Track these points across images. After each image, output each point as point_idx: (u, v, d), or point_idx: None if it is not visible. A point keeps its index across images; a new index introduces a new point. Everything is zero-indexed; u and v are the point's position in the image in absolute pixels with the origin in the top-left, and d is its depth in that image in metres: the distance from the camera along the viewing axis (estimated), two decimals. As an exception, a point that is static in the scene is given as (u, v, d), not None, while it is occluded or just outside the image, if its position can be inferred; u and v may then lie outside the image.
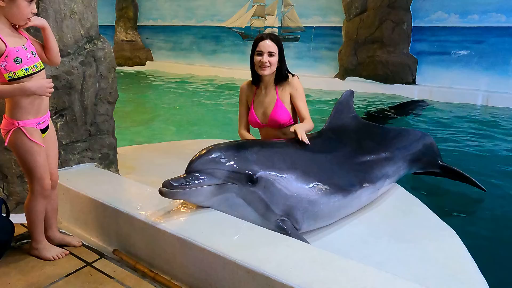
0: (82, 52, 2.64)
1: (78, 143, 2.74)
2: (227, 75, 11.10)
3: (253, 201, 2.15)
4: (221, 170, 2.07)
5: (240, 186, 2.10)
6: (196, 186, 2.01)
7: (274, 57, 2.64)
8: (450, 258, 2.20)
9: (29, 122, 1.94)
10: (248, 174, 2.11)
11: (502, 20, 7.82)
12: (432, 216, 2.68)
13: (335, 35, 9.74)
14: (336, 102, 2.98)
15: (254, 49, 2.70)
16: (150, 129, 6.03)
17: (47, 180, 2.04)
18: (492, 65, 8.00)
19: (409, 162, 3.15)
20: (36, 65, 1.93)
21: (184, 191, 1.99)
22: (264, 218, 2.18)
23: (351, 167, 2.61)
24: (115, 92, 2.92)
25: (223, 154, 2.12)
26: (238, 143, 2.31)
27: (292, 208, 2.22)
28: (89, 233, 2.38)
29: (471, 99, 7.88)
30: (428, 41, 8.64)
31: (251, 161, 2.16)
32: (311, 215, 2.29)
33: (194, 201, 2.11)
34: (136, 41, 13.78)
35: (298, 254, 1.75)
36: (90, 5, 2.67)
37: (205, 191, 2.05)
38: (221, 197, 2.10)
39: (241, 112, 2.94)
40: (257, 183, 2.13)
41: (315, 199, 2.29)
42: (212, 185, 2.05)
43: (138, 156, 3.67)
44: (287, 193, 2.21)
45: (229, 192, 2.10)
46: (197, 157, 2.10)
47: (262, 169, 2.16)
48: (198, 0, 12.40)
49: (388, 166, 2.87)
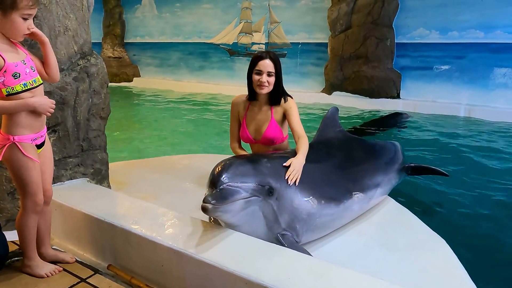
0: (75, 68, 2.66)
1: (71, 158, 2.73)
2: (215, 91, 11.18)
3: (268, 213, 2.15)
4: (249, 183, 2.05)
5: (262, 199, 2.10)
6: (232, 201, 1.95)
7: (273, 77, 2.67)
8: (441, 267, 2.26)
9: (25, 138, 1.94)
10: (269, 187, 2.12)
11: (480, 37, 8.13)
12: (422, 226, 2.74)
13: (321, 51, 9.94)
14: (323, 118, 3.09)
15: (253, 67, 2.69)
16: (138, 145, 6.02)
17: (40, 196, 2.03)
18: (473, 79, 8.27)
19: (397, 171, 3.24)
20: (35, 80, 1.95)
21: (227, 207, 1.93)
22: (270, 231, 2.18)
23: (342, 179, 2.66)
24: (108, 107, 2.93)
25: (244, 166, 2.11)
26: (247, 158, 2.30)
27: (294, 220, 2.24)
28: (83, 249, 2.36)
29: (454, 112, 8.10)
30: (411, 57, 8.90)
31: (266, 173, 2.17)
32: (310, 226, 2.32)
33: (227, 216, 2.01)
34: (123, 58, 13.80)
35: (295, 264, 1.78)
36: (83, 22, 2.71)
37: (238, 205, 2.00)
38: (247, 210, 2.06)
39: (233, 127, 2.95)
40: (273, 195, 2.15)
41: (313, 210, 2.32)
42: (243, 199, 2.01)
43: (129, 171, 3.66)
44: (292, 205, 2.24)
45: (254, 205, 2.08)
46: (223, 171, 2.04)
47: (275, 181, 2.19)
48: (186, 17, 12.55)
49: (378, 176, 2.94)
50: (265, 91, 2.68)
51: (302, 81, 10.25)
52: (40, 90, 1.98)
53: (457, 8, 8.24)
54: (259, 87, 2.66)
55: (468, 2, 8.11)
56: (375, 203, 2.93)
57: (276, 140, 2.79)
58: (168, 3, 12.78)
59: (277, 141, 2.80)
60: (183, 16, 12.57)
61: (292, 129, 2.69)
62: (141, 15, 13.53)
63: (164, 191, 3.16)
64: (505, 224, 3.36)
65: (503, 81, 8.00)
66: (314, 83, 10.11)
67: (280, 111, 2.77)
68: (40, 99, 1.93)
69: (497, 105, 7.93)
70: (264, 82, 2.63)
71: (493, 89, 8.09)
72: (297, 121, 2.70)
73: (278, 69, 2.69)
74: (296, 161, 2.36)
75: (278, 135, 2.78)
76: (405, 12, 8.81)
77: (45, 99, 1.96)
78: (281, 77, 2.74)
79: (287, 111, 2.73)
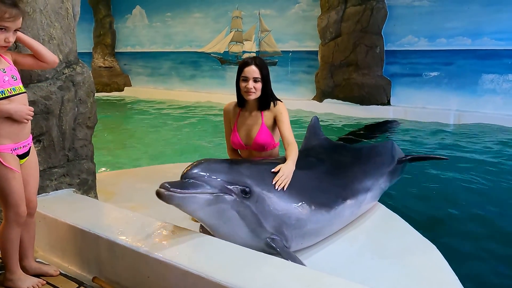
0: (60, 77, 2.62)
1: (56, 168, 2.68)
2: (206, 99, 11.18)
3: (246, 215, 2.14)
4: (218, 179, 2.05)
5: (235, 198, 2.09)
6: (193, 193, 1.96)
7: (259, 83, 2.65)
8: (432, 271, 2.26)
9: (4, 148, 1.89)
10: (244, 187, 2.11)
11: (467, 43, 8.24)
12: (412, 231, 2.73)
13: (312, 59, 10.00)
14: (308, 127, 3.12)
15: (240, 74, 2.69)
16: (128, 154, 5.97)
17: (23, 208, 1.98)
18: (462, 85, 8.36)
19: (387, 174, 3.18)
20: (14, 88, 1.91)
21: (182, 195, 1.94)
22: (255, 235, 2.17)
23: (332, 184, 2.65)
24: (94, 116, 2.89)
25: (220, 165, 2.14)
26: (231, 159, 2.34)
27: (281, 225, 2.22)
28: (67, 261, 2.30)
29: (444, 118, 8.17)
30: (400, 64, 8.98)
31: (245, 175, 2.17)
32: (299, 232, 2.30)
33: (188, 209, 2.04)
34: (114, 67, 13.76)
35: (283, 273, 1.75)
36: (69, 31, 2.68)
37: (202, 199, 2.01)
38: (216, 207, 2.06)
39: (227, 133, 2.93)
40: (251, 197, 2.13)
41: (302, 216, 2.30)
42: (210, 194, 2.01)
43: (117, 181, 3.61)
44: (278, 210, 2.22)
45: (224, 203, 2.07)
46: (195, 165, 2.07)
47: (255, 184, 2.17)
48: (176, 27, 12.57)
49: (367, 180, 2.91)
50: (252, 97, 2.67)
51: (293, 89, 10.29)
52: (20, 98, 1.94)
53: (444, 16, 8.36)
54: (246, 94, 2.65)
55: (455, 10, 8.24)
56: (366, 208, 2.91)
57: (267, 146, 2.76)
58: (159, 12, 12.81)
59: (268, 147, 2.77)
60: (174, 25, 12.60)
61: (282, 135, 2.67)
62: (131, 24, 13.54)
63: (154, 201, 3.05)
64: (495, 228, 3.37)
65: (491, 87, 8.10)
66: (305, 90, 10.15)
67: (271, 116, 2.75)
68: (16, 105, 1.88)
69: (486, 111, 8.02)
70: (251, 88, 2.62)
71: (481, 95, 8.18)
72: (287, 127, 2.68)
73: (265, 74, 2.67)
74: (286, 167, 2.35)
75: (269, 140, 2.76)
76: (394, 20, 8.92)
77: (22, 106, 1.91)
78: (269, 81, 2.73)
79: (278, 116, 2.71)
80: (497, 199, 3.97)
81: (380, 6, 8.90)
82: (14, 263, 2.03)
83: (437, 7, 8.44)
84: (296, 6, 10.25)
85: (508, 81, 7.95)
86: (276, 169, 2.32)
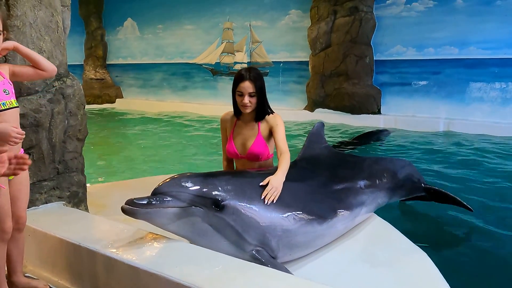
0: (50, 90, 2.62)
1: (46, 181, 2.66)
2: (198, 110, 11.18)
3: (221, 228, 2.14)
4: (186, 193, 2.08)
5: (205, 210, 2.10)
6: (159, 207, 2.00)
7: (254, 97, 2.67)
8: (423, 279, 2.27)
9: None
10: (214, 199, 2.12)
11: (455, 53, 8.40)
12: (404, 240, 2.74)
13: (303, 69, 10.09)
14: (308, 133, 3.06)
15: (235, 87, 2.70)
16: (120, 166, 5.93)
17: (8, 224, 1.96)
18: (450, 94, 8.49)
19: (387, 190, 3.12)
20: (4, 103, 1.91)
21: (147, 210, 1.99)
22: (238, 247, 2.16)
23: (326, 196, 2.64)
24: (85, 129, 2.89)
25: (190, 179, 2.16)
26: (209, 172, 2.33)
27: (265, 236, 2.21)
28: (57, 276, 2.28)
29: (434, 126, 8.26)
30: (390, 73, 9.10)
31: (218, 187, 2.17)
32: (286, 243, 2.29)
33: (157, 223, 2.09)
34: (106, 79, 13.74)
35: (272, 282, 1.75)
36: (59, 44, 2.69)
37: (169, 213, 2.04)
38: (186, 220, 2.09)
39: (224, 142, 2.94)
40: (225, 210, 2.13)
41: (289, 227, 2.29)
42: (176, 207, 2.04)
43: (108, 193, 3.59)
44: (260, 221, 2.20)
45: (194, 216, 2.09)
46: (164, 180, 2.12)
47: (230, 196, 2.17)
48: (168, 38, 12.62)
49: (364, 194, 2.88)
50: (248, 110, 2.70)
51: (285, 99, 10.35)
52: (10, 114, 1.93)
53: (431, 26, 8.52)
54: (243, 108, 2.69)
55: (442, 20, 8.40)
56: (360, 221, 2.90)
57: (262, 156, 2.77)
58: (150, 24, 12.87)
59: (262, 157, 2.78)
60: (165, 37, 12.65)
61: (276, 144, 2.70)
62: (123, 36, 13.56)
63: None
64: (485, 234, 3.40)
65: (478, 95, 8.24)
66: (296, 100, 10.21)
67: (267, 127, 2.77)
68: (2, 126, 1.78)
69: (475, 118, 8.14)
70: (247, 103, 2.65)
71: (469, 103, 8.31)
72: (282, 137, 2.71)
73: (260, 87, 2.69)
74: (275, 179, 2.35)
75: (263, 151, 2.77)
76: (382, 31, 9.07)
77: (8, 128, 1.78)
78: (264, 93, 2.75)
79: (274, 128, 2.74)
80: (486, 205, 4.01)
81: (369, 17, 9.05)
82: (1, 280, 2.00)
83: (424, 18, 8.61)
84: (286, 17, 10.38)
85: (494, 89, 8.09)
86: (265, 182, 2.32)
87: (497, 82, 8.04)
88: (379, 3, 9.06)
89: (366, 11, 9.02)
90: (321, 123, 3.16)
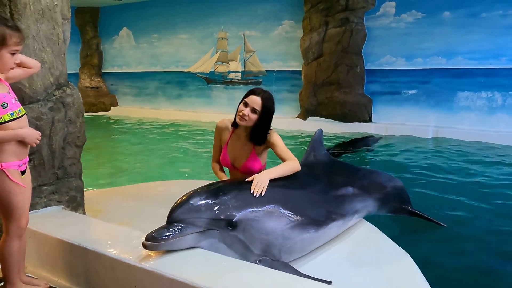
0: (51, 99, 2.75)
1: (45, 186, 2.78)
2: (193, 118, 11.31)
3: (233, 244, 2.22)
4: (202, 218, 2.13)
5: (220, 231, 2.18)
6: (178, 236, 2.07)
7: (255, 115, 2.65)
8: (404, 278, 2.39)
9: (12, 164, 2.02)
10: (228, 220, 2.18)
11: (443, 63, 8.65)
12: (389, 242, 2.87)
13: (295, 78, 10.29)
14: (310, 140, 3.19)
15: (245, 97, 2.71)
16: (115, 173, 6.02)
17: (24, 220, 2.11)
18: (439, 102, 8.72)
19: (378, 201, 3.24)
20: (20, 110, 2.06)
21: (167, 242, 2.04)
22: (244, 258, 2.23)
23: (323, 202, 2.75)
24: (83, 136, 3.01)
25: (203, 202, 2.18)
26: (216, 188, 2.33)
27: (269, 246, 2.30)
28: (57, 275, 2.38)
29: (423, 133, 8.48)
30: (380, 82, 9.33)
31: (230, 206, 2.22)
32: (287, 249, 2.38)
33: (177, 249, 2.13)
34: (101, 88, 13.85)
35: (262, 278, 1.88)
36: (60, 55, 2.82)
37: (188, 240, 2.11)
38: (204, 243, 2.16)
39: (215, 147, 2.98)
40: (237, 227, 2.21)
41: (290, 234, 2.38)
42: (194, 233, 2.11)
43: (104, 199, 3.69)
44: (265, 232, 2.29)
45: (211, 238, 2.16)
46: (177, 207, 2.15)
47: (240, 213, 2.23)
48: (163, 47, 12.79)
49: (358, 202, 3.01)
50: (243, 123, 2.68)
51: (278, 107, 10.25)
52: (24, 119, 2.09)
53: (420, 37, 8.77)
54: (240, 118, 2.68)
55: (430, 32, 8.66)
56: (351, 225, 3.02)
57: (255, 170, 2.80)
58: (145, 33, 13.03)
59: (256, 170, 2.79)
60: (160, 46, 12.81)
61: (281, 159, 2.69)
62: (118, 45, 13.71)
63: (140, 218, 3.19)
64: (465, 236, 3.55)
65: (466, 104, 8.47)
66: (289, 109, 10.39)
67: (262, 147, 2.81)
68: (29, 130, 2.07)
69: (463, 126, 8.37)
70: (245, 115, 2.64)
71: (457, 112, 8.54)
72: (284, 150, 2.69)
73: (267, 109, 2.66)
74: (258, 175, 2.42)
75: (257, 166, 2.83)
76: (373, 41, 9.30)
77: (33, 130, 2.10)
78: (268, 119, 2.69)
79: (273, 148, 2.74)
80: (471, 209, 4.16)
81: (360, 27, 9.29)
82: (15, 276, 2.13)
83: (413, 29, 8.86)
84: (279, 27, 10.60)
85: (481, 98, 8.33)
86: (250, 178, 2.41)
87: (484, 91, 8.28)
88: (369, 14, 9.30)
89: (357, 22, 9.26)
90: (321, 130, 3.23)
